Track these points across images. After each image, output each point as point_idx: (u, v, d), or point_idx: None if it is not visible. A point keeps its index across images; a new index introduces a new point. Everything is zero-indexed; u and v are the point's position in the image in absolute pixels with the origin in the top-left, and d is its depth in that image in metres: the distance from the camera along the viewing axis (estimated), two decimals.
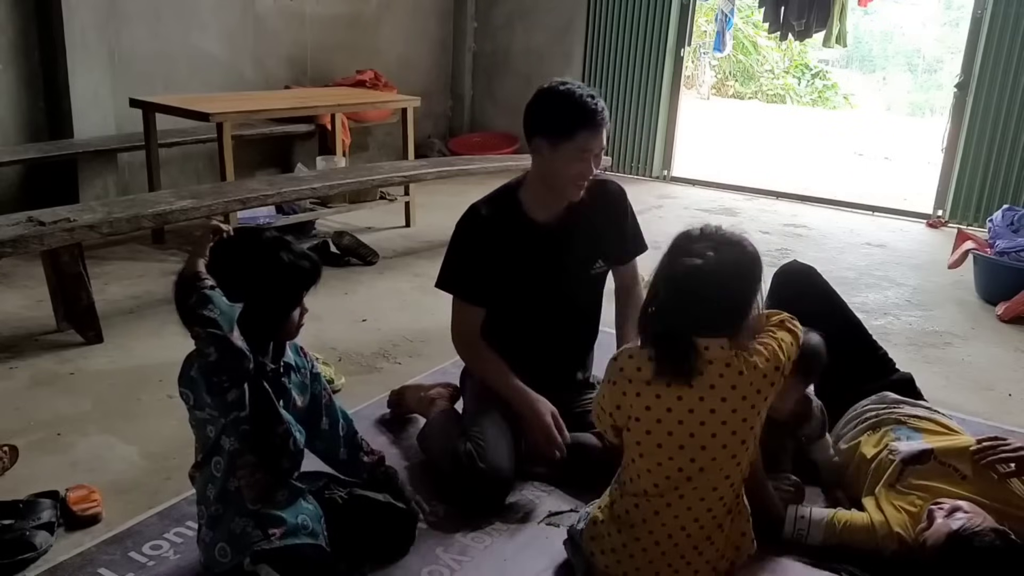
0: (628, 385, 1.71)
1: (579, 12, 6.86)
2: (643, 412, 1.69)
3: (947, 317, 4.04)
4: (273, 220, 4.52)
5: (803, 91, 14.63)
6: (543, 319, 2.41)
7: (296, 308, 1.88)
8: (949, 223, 5.85)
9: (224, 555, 1.77)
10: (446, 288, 2.40)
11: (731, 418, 1.68)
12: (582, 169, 2.25)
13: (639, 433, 1.72)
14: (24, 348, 3.12)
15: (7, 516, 2.00)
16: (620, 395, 1.72)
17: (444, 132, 7.42)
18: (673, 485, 1.72)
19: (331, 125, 5.51)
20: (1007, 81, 5.56)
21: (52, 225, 3.02)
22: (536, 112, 2.28)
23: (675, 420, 1.68)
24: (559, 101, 2.23)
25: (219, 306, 1.66)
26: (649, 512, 1.75)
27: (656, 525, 1.76)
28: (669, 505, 1.73)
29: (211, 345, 1.64)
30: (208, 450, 1.79)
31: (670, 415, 1.68)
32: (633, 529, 1.77)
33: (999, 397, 3.14)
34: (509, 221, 2.33)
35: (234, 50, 5.56)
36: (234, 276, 1.75)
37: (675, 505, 1.73)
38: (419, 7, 6.87)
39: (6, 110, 4.54)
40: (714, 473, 1.72)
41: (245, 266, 1.79)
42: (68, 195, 4.49)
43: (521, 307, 2.39)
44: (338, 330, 3.40)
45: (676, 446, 1.69)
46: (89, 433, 2.55)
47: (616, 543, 1.79)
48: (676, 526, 1.75)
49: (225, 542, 1.77)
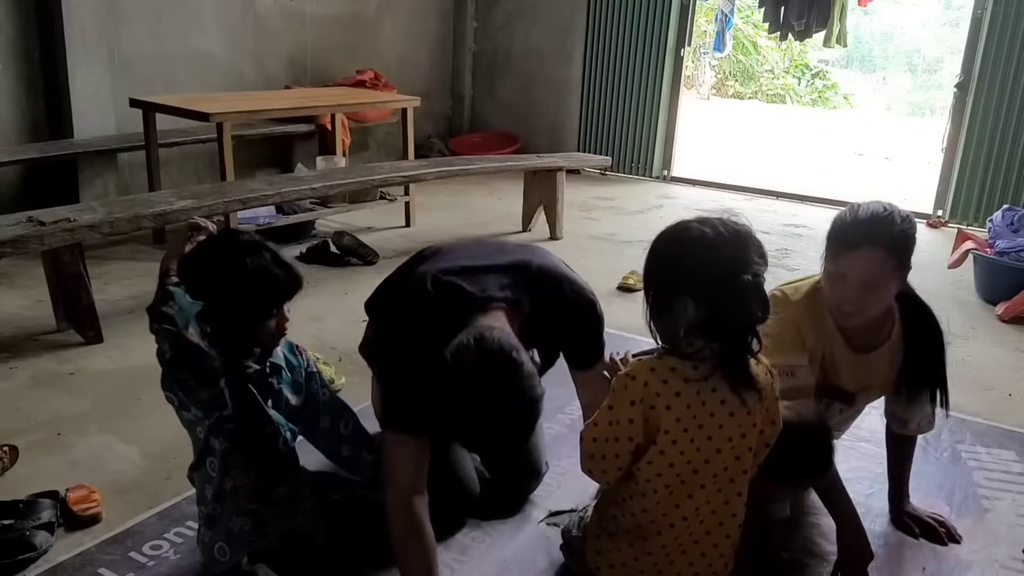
0: (657, 399, 1.58)
1: (579, 12, 6.86)
2: (673, 424, 1.59)
3: (947, 317, 4.02)
4: (273, 220, 4.52)
5: (803, 91, 14.64)
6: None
7: (269, 317, 1.78)
8: (949, 223, 5.85)
9: (223, 554, 1.77)
10: (393, 426, 1.84)
11: (750, 431, 1.64)
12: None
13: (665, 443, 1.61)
14: (24, 348, 3.12)
15: (7, 516, 2.00)
16: (647, 410, 1.59)
17: (444, 132, 7.42)
18: (686, 492, 1.65)
19: (331, 125, 5.51)
20: (1007, 81, 5.55)
21: (52, 225, 3.02)
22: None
23: (705, 435, 1.61)
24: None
25: (179, 302, 1.65)
26: (660, 518, 1.67)
27: (668, 535, 1.68)
28: (678, 507, 1.66)
29: (166, 342, 1.64)
30: (201, 451, 1.79)
31: (701, 431, 1.60)
32: (646, 543, 1.69)
33: (999, 397, 3.14)
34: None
35: (234, 50, 5.56)
36: (202, 277, 1.74)
37: (684, 507, 1.66)
38: (419, 7, 6.87)
39: (6, 110, 4.54)
40: (722, 479, 1.67)
41: (213, 268, 1.75)
42: (68, 195, 4.49)
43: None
44: (338, 330, 3.40)
45: (694, 448, 1.61)
46: (89, 433, 2.55)
47: (627, 557, 1.72)
48: (686, 533, 1.69)
49: (224, 541, 1.77)
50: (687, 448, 1.60)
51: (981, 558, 2.15)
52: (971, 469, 2.60)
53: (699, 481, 1.63)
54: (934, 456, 2.66)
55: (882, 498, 2.35)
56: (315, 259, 4.33)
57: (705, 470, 1.63)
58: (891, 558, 2.13)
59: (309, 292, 4.00)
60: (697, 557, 1.71)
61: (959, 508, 2.38)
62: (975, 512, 2.36)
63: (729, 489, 1.67)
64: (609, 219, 5.25)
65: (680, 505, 1.65)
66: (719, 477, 1.65)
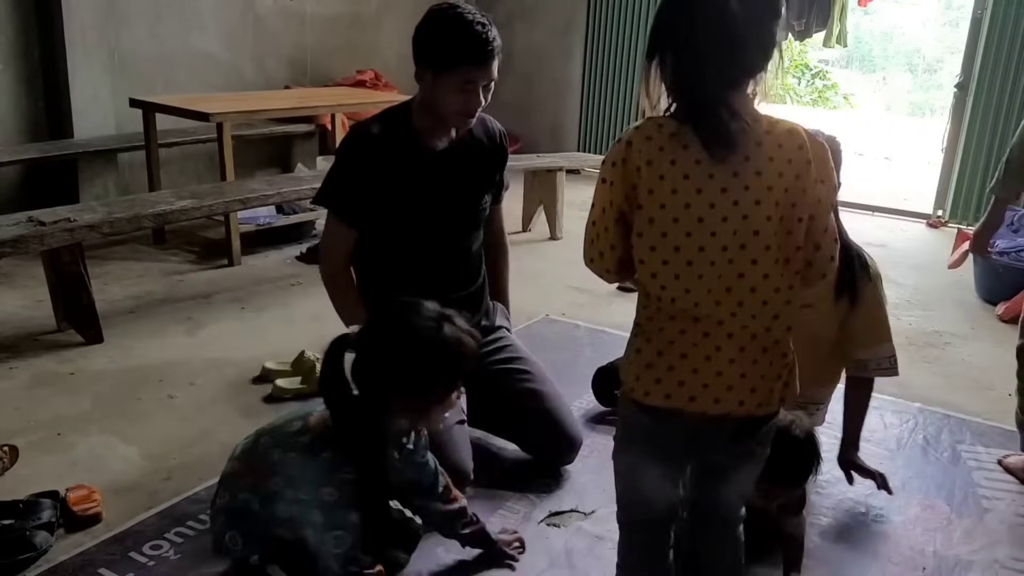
0: (648, 167, 1.38)
1: (579, 12, 6.87)
2: (670, 197, 1.37)
3: (947, 317, 4.05)
4: (273, 220, 4.52)
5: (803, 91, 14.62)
6: (429, 253, 2.29)
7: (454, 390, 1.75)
8: (949, 223, 5.85)
9: (235, 544, 1.75)
10: (324, 202, 2.27)
11: (765, 198, 1.37)
12: (466, 101, 2.12)
13: (665, 222, 1.38)
14: (24, 348, 3.12)
15: (7, 516, 2.00)
16: (634, 177, 1.39)
17: None
18: (696, 273, 1.39)
19: (331, 125, 5.51)
20: (1007, 81, 5.55)
21: (52, 225, 3.02)
22: (421, 37, 2.14)
23: (706, 203, 1.37)
24: (445, 28, 2.08)
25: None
26: (671, 307, 1.42)
27: (693, 332, 1.42)
28: (688, 292, 1.40)
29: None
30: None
31: (700, 196, 1.37)
32: (673, 345, 1.43)
33: (999, 397, 3.14)
34: (399, 142, 2.21)
35: (234, 50, 5.56)
36: (389, 351, 1.69)
37: (695, 291, 1.40)
38: (419, 7, 6.78)
39: (6, 110, 4.54)
40: (739, 258, 1.40)
41: (403, 341, 1.69)
42: (68, 195, 4.49)
43: (404, 238, 2.26)
44: (338, 330, 3.37)
45: (708, 233, 1.37)
46: (89, 433, 2.55)
47: (653, 358, 1.45)
48: (714, 323, 1.41)
49: (239, 533, 1.75)
50: (681, 214, 1.37)
51: (981, 558, 2.15)
52: (971, 469, 2.60)
53: (708, 258, 1.38)
54: (934, 456, 2.66)
55: (882, 497, 2.35)
56: (315, 259, 4.31)
57: (711, 244, 1.38)
58: (891, 558, 2.13)
59: (309, 292, 4.03)
60: (725, 363, 1.41)
61: (959, 508, 2.38)
62: (975, 512, 2.36)
63: (753, 272, 1.39)
64: None
65: (691, 290, 1.39)
66: (731, 252, 1.38)
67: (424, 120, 2.23)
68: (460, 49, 2.07)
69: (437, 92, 2.12)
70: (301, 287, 3.97)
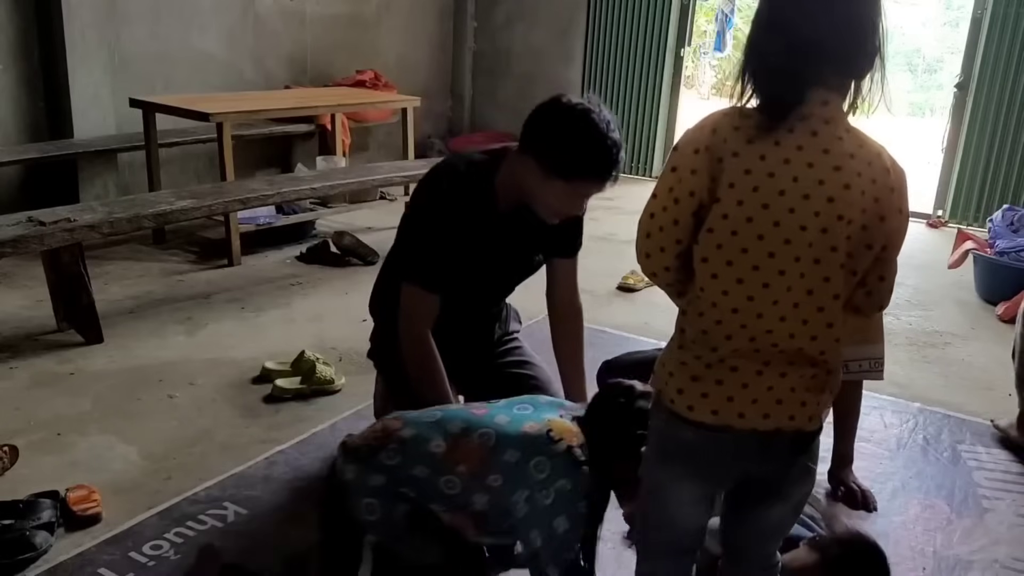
0: (733, 159, 1.27)
1: (579, 12, 6.86)
2: (750, 194, 1.27)
3: (947, 317, 4.04)
4: (273, 220, 4.52)
5: None
6: (475, 303, 2.25)
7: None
8: (949, 223, 5.85)
9: (371, 512, 1.69)
10: (415, 279, 2.05)
11: (848, 214, 1.28)
12: (571, 208, 2.00)
13: (738, 220, 1.27)
14: (24, 348, 3.13)
15: (7, 516, 2.00)
16: (715, 167, 1.28)
17: (444, 132, 7.42)
18: (760, 281, 1.29)
19: (331, 125, 5.51)
20: (1007, 81, 5.55)
21: (52, 225, 3.02)
22: (544, 133, 1.92)
23: (786, 207, 1.26)
24: (576, 136, 1.87)
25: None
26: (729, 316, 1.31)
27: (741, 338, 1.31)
28: (751, 299, 1.30)
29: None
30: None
31: (782, 199, 1.26)
32: (715, 352, 1.33)
33: (999, 397, 3.14)
34: (477, 208, 2.06)
35: (234, 50, 5.56)
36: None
37: (759, 300, 1.30)
38: (419, 7, 6.87)
39: (6, 110, 4.54)
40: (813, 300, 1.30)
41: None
42: (68, 195, 4.48)
43: (462, 291, 2.15)
44: (338, 330, 3.40)
45: (782, 240, 1.27)
46: (89, 433, 2.55)
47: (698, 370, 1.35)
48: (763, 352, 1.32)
49: (386, 504, 1.70)
50: (757, 214, 1.27)
51: (981, 558, 2.15)
52: (971, 469, 2.60)
53: (777, 266, 1.28)
54: (934, 456, 2.67)
55: (882, 498, 2.35)
56: (315, 259, 4.33)
57: (784, 252, 1.27)
58: (891, 558, 2.13)
59: (309, 292, 4.03)
60: (776, 377, 1.32)
61: (959, 508, 2.38)
62: (975, 512, 2.36)
63: (823, 291, 1.30)
64: (609, 219, 5.24)
65: (754, 298, 1.29)
66: (804, 264, 1.28)
67: (509, 195, 2.05)
68: (587, 164, 1.89)
69: (542, 189, 1.95)
70: (301, 287, 3.97)
